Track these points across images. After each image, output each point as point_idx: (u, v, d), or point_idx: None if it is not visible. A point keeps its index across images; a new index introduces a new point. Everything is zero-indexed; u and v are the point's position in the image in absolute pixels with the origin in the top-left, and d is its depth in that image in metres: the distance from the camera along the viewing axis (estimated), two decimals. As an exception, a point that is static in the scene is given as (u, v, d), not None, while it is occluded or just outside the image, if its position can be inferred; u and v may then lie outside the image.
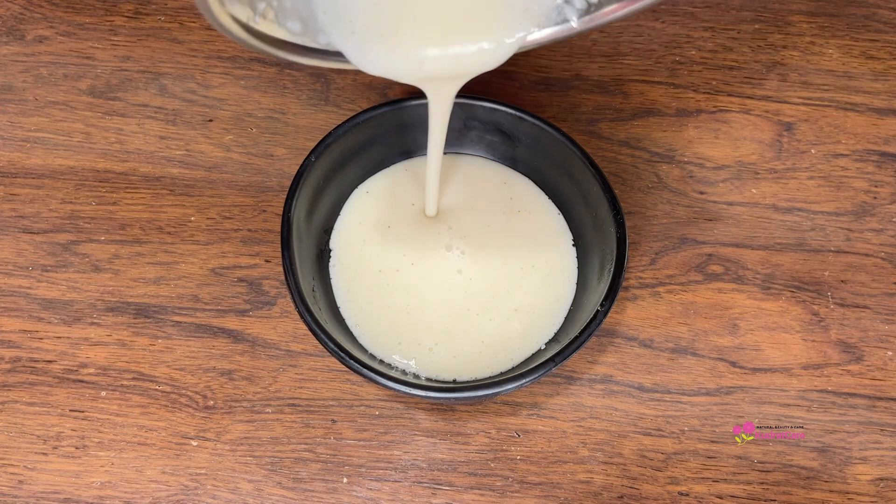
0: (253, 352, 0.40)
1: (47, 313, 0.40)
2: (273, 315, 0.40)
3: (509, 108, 0.39)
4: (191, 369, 0.39)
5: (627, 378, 0.39)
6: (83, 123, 0.45)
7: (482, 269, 0.39)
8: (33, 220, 0.42)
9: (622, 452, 0.38)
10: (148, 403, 0.38)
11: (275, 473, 0.37)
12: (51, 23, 0.48)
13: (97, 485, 0.37)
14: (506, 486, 0.37)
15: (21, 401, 0.38)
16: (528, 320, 0.38)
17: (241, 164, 0.44)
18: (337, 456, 0.37)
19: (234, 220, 0.43)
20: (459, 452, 0.38)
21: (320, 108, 0.46)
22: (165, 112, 0.46)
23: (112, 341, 0.40)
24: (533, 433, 0.38)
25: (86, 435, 0.38)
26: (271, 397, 0.39)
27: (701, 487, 0.37)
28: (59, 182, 0.43)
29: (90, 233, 0.42)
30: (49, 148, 0.44)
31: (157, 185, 0.43)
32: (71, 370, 0.39)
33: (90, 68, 0.47)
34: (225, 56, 0.47)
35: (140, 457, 0.37)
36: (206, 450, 0.37)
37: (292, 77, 0.47)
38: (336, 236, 0.40)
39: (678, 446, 0.38)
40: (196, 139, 0.45)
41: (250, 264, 0.42)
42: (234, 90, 0.46)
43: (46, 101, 0.46)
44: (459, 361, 0.37)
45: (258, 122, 0.45)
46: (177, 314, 0.40)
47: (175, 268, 0.41)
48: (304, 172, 0.37)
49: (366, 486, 0.37)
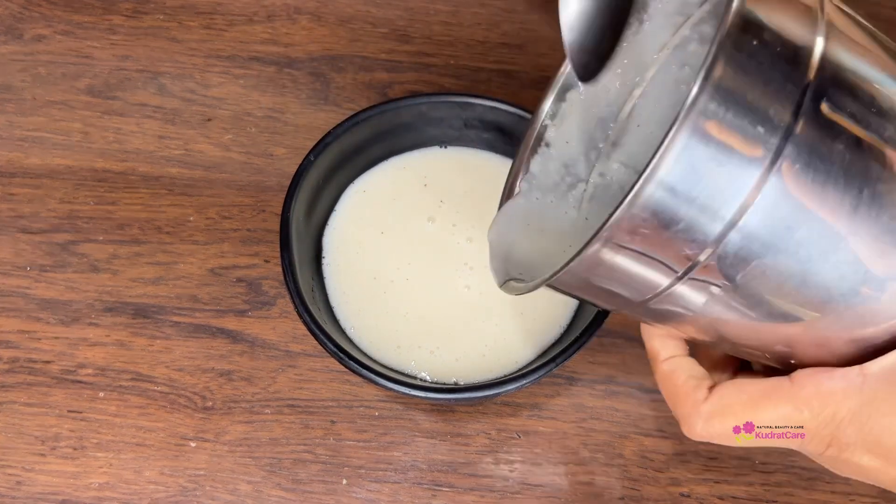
0: (252, 352, 0.39)
1: (45, 313, 0.40)
2: (272, 315, 0.40)
3: (509, 107, 0.39)
4: (189, 370, 0.39)
5: (629, 379, 0.39)
6: (82, 123, 0.45)
7: (485, 274, 0.38)
8: (31, 219, 0.42)
9: (623, 453, 0.37)
10: (146, 404, 0.38)
11: (274, 474, 0.37)
12: (49, 22, 0.48)
13: (95, 486, 0.37)
14: (506, 487, 0.37)
15: (19, 401, 0.38)
16: (532, 323, 0.37)
17: (240, 164, 0.44)
18: (336, 457, 0.37)
19: (233, 220, 0.42)
20: (460, 453, 0.37)
21: (319, 107, 0.46)
22: (164, 111, 0.45)
23: (110, 341, 0.39)
24: (534, 434, 0.38)
25: (84, 436, 0.38)
26: (270, 398, 0.38)
27: (703, 488, 0.37)
28: (58, 182, 0.43)
29: (88, 233, 0.42)
30: (47, 147, 0.44)
31: (156, 185, 0.43)
32: (69, 370, 0.39)
33: (89, 67, 0.47)
34: (224, 55, 0.47)
35: (138, 458, 0.37)
36: (205, 451, 0.37)
37: (291, 76, 0.47)
38: (330, 237, 0.39)
39: (680, 447, 0.38)
40: (195, 139, 0.45)
41: (249, 264, 0.41)
42: (233, 89, 0.46)
43: (45, 101, 0.46)
44: (462, 364, 0.37)
45: (257, 121, 0.45)
46: (175, 314, 0.40)
47: (174, 268, 0.41)
48: (304, 172, 0.37)
49: (365, 487, 0.37)
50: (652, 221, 0.21)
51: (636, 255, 0.22)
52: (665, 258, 0.22)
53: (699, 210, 0.21)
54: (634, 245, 0.22)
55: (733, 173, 0.20)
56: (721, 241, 0.21)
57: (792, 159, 0.20)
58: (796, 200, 0.21)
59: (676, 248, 0.21)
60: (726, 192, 0.20)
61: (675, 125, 0.20)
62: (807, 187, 0.21)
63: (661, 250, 0.22)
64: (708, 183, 0.20)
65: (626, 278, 0.23)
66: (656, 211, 0.21)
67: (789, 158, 0.20)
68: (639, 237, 0.21)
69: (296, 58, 0.47)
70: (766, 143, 0.20)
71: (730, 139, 0.20)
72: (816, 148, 0.21)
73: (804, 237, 0.21)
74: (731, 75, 0.20)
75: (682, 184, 0.20)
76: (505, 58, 0.47)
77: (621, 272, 0.23)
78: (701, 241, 0.21)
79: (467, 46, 0.48)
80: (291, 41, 0.48)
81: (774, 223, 0.21)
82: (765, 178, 0.20)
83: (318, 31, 0.48)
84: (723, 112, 0.20)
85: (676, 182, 0.20)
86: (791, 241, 0.21)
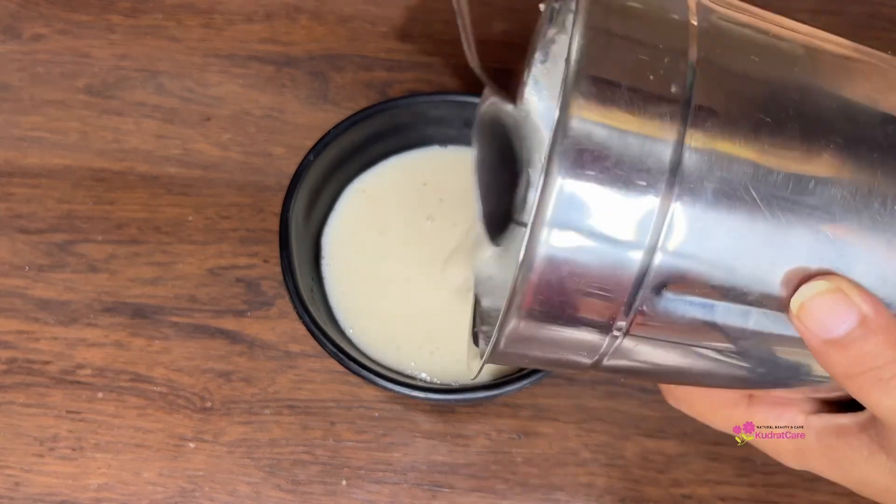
0: (251, 353, 0.39)
1: (44, 314, 0.40)
2: (271, 315, 0.40)
3: (510, 107, 0.39)
4: (188, 370, 0.39)
5: (629, 379, 0.39)
6: (80, 122, 0.45)
7: None
8: (29, 219, 0.42)
9: (624, 455, 0.37)
10: (145, 405, 0.38)
11: (273, 475, 0.37)
12: (47, 21, 0.48)
13: (94, 487, 0.36)
14: (507, 488, 0.37)
15: (17, 402, 0.38)
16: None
17: (238, 164, 0.44)
18: (336, 458, 0.37)
19: (232, 220, 0.42)
20: (460, 455, 0.37)
21: (319, 106, 0.46)
22: (163, 111, 0.45)
23: (109, 342, 0.39)
24: (534, 435, 0.38)
25: (82, 436, 0.37)
26: (269, 398, 0.38)
27: (704, 490, 0.37)
28: (56, 181, 0.43)
29: (87, 232, 0.42)
30: (45, 147, 0.44)
31: (155, 185, 0.43)
32: (67, 371, 0.39)
33: (87, 66, 0.46)
34: (223, 54, 0.47)
35: (137, 458, 0.37)
36: (204, 451, 0.37)
37: (291, 75, 0.46)
38: (329, 236, 0.39)
39: (681, 448, 0.37)
40: (194, 138, 0.44)
41: (248, 264, 0.41)
42: (232, 88, 0.46)
43: (43, 100, 0.45)
44: (462, 365, 0.36)
45: (256, 120, 0.45)
46: (174, 315, 0.40)
47: (172, 268, 0.41)
48: (303, 172, 0.36)
49: (365, 488, 0.37)
50: (557, 281, 0.19)
51: (559, 320, 0.20)
52: (589, 314, 0.20)
53: (604, 256, 0.19)
54: (550, 309, 0.20)
55: (631, 219, 0.18)
56: (642, 280, 0.19)
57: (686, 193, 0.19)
58: (706, 221, 0.19)
59: (594, 302, 0.20)
60: (630, 230, 0.19)
61: (544, 175, 0.18)
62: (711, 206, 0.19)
63: (579, 307, 0.20)
64: (604, 227, 0.18)
65: (561, 346, 0.21)
66: (558, 269, 0.19)
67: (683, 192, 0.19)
68: (550, 298, 0.19)
69: (295, 57, 0.47)
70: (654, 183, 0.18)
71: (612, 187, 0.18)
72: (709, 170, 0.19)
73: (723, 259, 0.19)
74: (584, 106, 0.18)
75: (574, 238, 0.18)
76: (505, 57, 0.47)
77: (550, 341, 0.21)
78: (618, 290, 0.19)
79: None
80: (291, 40, 0.48)
81: (690, 248, 0.19)
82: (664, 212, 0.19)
83: (317, 30, 0.48)
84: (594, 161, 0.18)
85: (566, 239, 0.18)
86: (710, 265, 0.19)
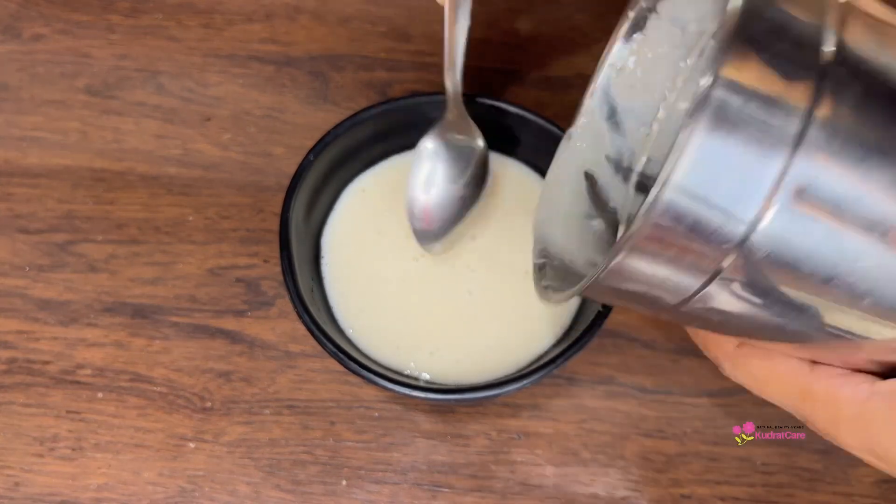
0: (251, 353, 0.39)
1: (44, 314, 0.40)
2: (271, 316, 0.40)
3: (510, 107, 0.39)
4: (188, 370, 0.39)
5: (629, 379, 0.39)
6: (80, 122, 0.45)
7: (486, 275, 0.38)
8: (29, 219, 0.42)
9: (624, 454, 0.37)
10: (145, 405, 0.38)
11: (273, 476, 0.37)
12: (47, 21, 0.48)
13: (94, 487, 0.36)
14: (506, 488, 0.37)
15: (17, 402, 0.38)
16: (533, 323, 0.37)
17: (239, 164, 0.44)
18: (336, 458, 0.37)
19: (232, 220, 0.42)
20: (460, 454, 0.37)
21: (319, 106, 0.46)
22: (163, 111, 0.45)
23: (109, 342, 0.39)
24: (534, 435, 0.38)
25: (82, 437, 0.37)
26: (269, 399, 0.38)
27: (704, 490, 0.37)
28: (56, 181, 0.43)
29: (87, 232, 0.42)
30: (45, 147, 0.44)
31: (155, 185, 0.43)
32: (67, 371, 0.39)
33: (87, 66, 0.46)
34: (223, 54, 0.47)
35: (137, 459, 0.37)
36: (204, 451, 0.37)
37: (291, 75, 0.46)
38: (329, 236, 0.39)
39: (681, 448, 0.37)
40: (193, 138, 0.44)
41: (248, 264, 0.41)
42: (231, 88, 0.46)
43: (43, 100, 0.45)
44: (462, 365, 0.36)
45: (256, 120, 0.45)
46: (174, 315, 0.40)
47: (172, 268, 0.41)
48: (303, 172, 0.36)
49: (365, 488, 0.37)
50: (673, 227, 0.20)
51: (662, 262, 0.21)
52: (691, 261, 0.21)
53: (721, 211, 0.20)
54: (658, 251, 0.21)
55: (755, 167, 0.19)
56: (745, 240, 0.20)
57: (816, 145, 0.19)
58: (825, 191, 0.20)
59: (701, 251, 0.21)
60: (747, 188, 0.20)
61: (687, 126, 0.19)
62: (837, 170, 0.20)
63: (686, 254, 0.21)
64: (728, 182, 0.20)
65: (655, 285, 0.22)
66: (677, 216, 0.20)
67: (812, 145, 0.19)
68: (662, 244, 0.21)
69: (295, 57, 0.47)
70: (783, 134, 0.19)
71: (747, 132, 0.19)
72: (843, 130, 0.19)
73: (834, 232, 0.20)
74: (741, 67, 0.19)
75: (700, 186, 0.19)
76: (505, 57, 0.47)
77: (649, 279, 0.22)
78: (726, 242, 0.20)
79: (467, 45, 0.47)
80: (291, 40, 0.48)
81: (802, 220, 0.20)
82: (784, 175, 0.19)
83: (317, 30, 0.48)
84: (737, 106, 0.19)
85: (695, 185, 0.19)
86: (819, 236, 0.20)
